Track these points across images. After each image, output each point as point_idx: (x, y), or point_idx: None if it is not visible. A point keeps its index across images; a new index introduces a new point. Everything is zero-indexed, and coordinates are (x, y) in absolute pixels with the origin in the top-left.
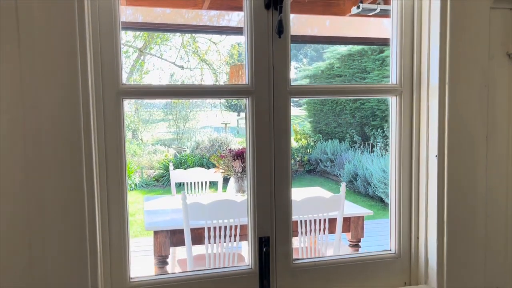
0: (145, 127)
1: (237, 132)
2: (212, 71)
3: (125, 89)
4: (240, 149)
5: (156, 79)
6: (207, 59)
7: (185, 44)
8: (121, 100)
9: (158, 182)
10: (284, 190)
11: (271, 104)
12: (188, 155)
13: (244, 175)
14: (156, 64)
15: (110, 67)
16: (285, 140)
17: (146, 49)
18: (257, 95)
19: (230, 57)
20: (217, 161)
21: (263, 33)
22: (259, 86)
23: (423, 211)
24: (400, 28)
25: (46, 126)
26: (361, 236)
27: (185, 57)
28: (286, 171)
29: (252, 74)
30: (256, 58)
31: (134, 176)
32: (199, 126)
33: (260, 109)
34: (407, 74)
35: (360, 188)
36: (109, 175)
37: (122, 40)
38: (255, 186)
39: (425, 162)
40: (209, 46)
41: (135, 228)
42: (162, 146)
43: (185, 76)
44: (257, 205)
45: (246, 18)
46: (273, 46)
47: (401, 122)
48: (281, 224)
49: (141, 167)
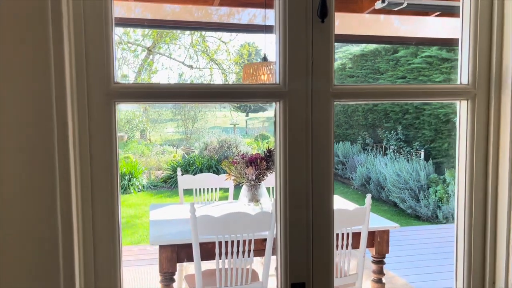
0: (154, 127)
1: (246, 133)
2: (222, 71)
3: (118, 89)
4: (254, 155)
5: (165, 79)
6: (216, 58)
7: (194, 43)
8: (113, 104)
9: (166, 183)
10: (324, 223)
11: (309, 110)
12: (196, 156)
13: (257, 183)
14: (165, 64)
15: (97, 64)
16: (326, 157)
17: (155, 48)
18: (291, 98)
19: (240, 57)
20: (228, 167)
21: (300, 16)
22: (294, 86)
23: (503, 247)
24: (475, 27)
25: (11, 135)
26: (386, 252)
27: (194, 57)
28: (328, 198)
29: (284, 71)
30: (291, 50)
31: (141, 178)
32: (208, 127)
33: (294, 116)
34: (483, 74)
35: (373, 192)
36: (95, 196)
37: (130, 39)
38: (287, 216)
39: (507, 183)
40: (218, 45)
41: (142, 232)
42: (170, 146)
43: (194, 76)
44: (290, 240)
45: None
46: (313, 34)
47: (474, 131)
48: (320, 266)
49: (149, 168)
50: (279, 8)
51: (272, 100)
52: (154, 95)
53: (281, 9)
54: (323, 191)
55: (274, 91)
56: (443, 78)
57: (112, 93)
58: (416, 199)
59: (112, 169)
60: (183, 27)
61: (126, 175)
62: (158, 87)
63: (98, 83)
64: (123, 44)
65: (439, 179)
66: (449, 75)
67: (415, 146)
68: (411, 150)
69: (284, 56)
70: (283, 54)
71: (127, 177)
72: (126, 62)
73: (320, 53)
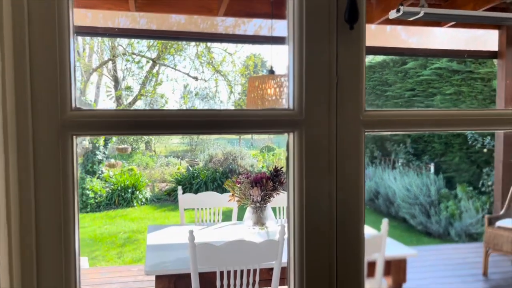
0: (159, 138)
1: (251, 145)
2: (227, 82)
3: (77, 119)
4: (259, 175)
5: (170, 90)
6: (221, 70)
7: (200, 54)
8: (70, 138)
9: (169, 196)
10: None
11: (333, 143)
12: (201, 169)
13: (263, 205)
14: (170, 75)
15: (47, 85)
16: (355, 201)
17: (160, 59)
18: (308, 127)
19: (246, 68)
20: (232, 187)
21: (320, 22)
22: (313, 113)
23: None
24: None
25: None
26: (403, 281)
27: (199, 68)
28: (357, 255)
29: (301, 93)
30: (309, 66)
31: (145, 190)
32: (213, 138)
33: (313, 151)
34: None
35: (382, 207)
36: (41, 268)
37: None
38: (303, 281)
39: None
40: (224, 57)
41: (143, 248)
42: (175, 158)
43: (199, 87)
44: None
45: (288, 5)
46: (338, 45)
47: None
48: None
49: (153, 181)
50: (294, 12)
51: (283, 130)
52: (129, 125)
53: (296, 13)
54: (351, 244)
55: (287, 118)
56: (454, 90)
57: (68, 124)
58: (427, 215)
59: (68, 227)
60: (189, 38)
61: (129, 188)
62: (136, 114)
63: (48, 111)
64: (127, 55)
65: (450, 194)
66: (460, 87)
67: (425, 160)
68: (420, 164)
69: (300, 73)
70: (299, 72)
71: (130, 190)
72: (131, 74)
73: (347, 69)
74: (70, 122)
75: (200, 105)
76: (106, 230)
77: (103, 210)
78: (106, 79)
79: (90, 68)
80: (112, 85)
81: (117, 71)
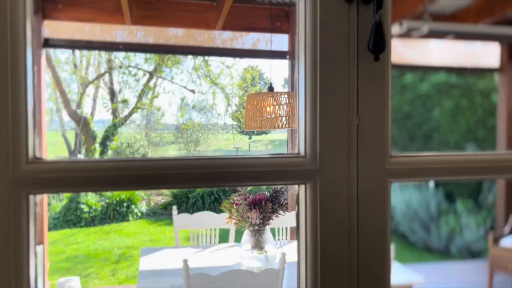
0: (155, 150)
1: None
2: (225, 95)
3: (35, 174)
4: (257, 196)
5: (166, 103)
6: (219, 82)
7: (197, 67)
8: (25, 198)
9: (165, 210)
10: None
11: (353, 197)
12: None
13: (262, 228)
14: (167, 88)
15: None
16: (380, 262)
17: (157, 72)
18: (324, 179)
19: (243, 81)
20: (229, 209)
21: (338, 52)
22: (329, 160)
23: None
24: None
25: None
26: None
27: (197, 81)
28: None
29: (314, 137)
30: (324, 103)
31: (141, 204)
32: (211, 150)
33: (330, 207)
34: None
35: None
36: None
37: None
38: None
39: None
40: (221, 70)
41: (138, 265)
42: None
43: (196, 100)
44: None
45: (298, 18)
46: (358, 79)
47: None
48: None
49: (149, 194)
50: (306, 40)
51: (294, 182)
52: (105, 181)
53: (309, 41)
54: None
55: (298, 169)
56: (453, 105)
57: (22, 181)
58: (427, 230)
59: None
60: (186, 52)
61: (124, 201)
62: (115, 167)
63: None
64: (124, 68)
65: (450, 208)
66: (458, 101)
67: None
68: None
69: (314, 113)
70: (312, 111)
71: (125, 204)
72: (127, 86)
73: (370, 107)
74: (25, 178)
75: (197, 117)
76: (100, 246)
77: (98, 225)
78: (102, 91)
79: (87, 80)
80: (108, 98)
81: (114, 84)
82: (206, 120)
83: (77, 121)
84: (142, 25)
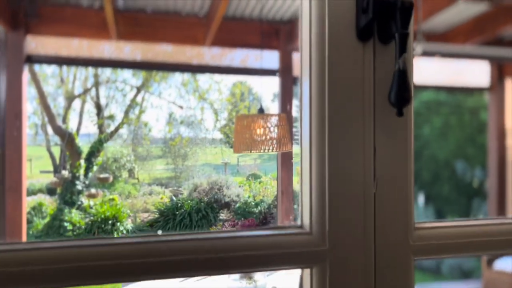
0: (142, 165)
1: (237, 171)
2: (213, 110)
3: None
4: (246, 222)
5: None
6: (208, 97)
7: (186, 82)
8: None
9: (152, 227)
10: None
11: (371, 282)
12: (185, 199)
13: None
14: (155, 103)
15: None
16: None
17: (144, 87)
18: (335, 260)
19: (232, 96)
20: None
21: (350, 101)
22: (340, 236)
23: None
24: None
25: None
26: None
27: (185, 96)
28: None
29: (321, 207)
30: (335, 165)
31: (126, 222)
32: (199, 164)
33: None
34: None
35: None
36: None
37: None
38: None
39: None
40: (210, 85)
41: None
42: (158, 186)
43: (184, 115)
44: None
45: (301, 55)
46: (376, 136)
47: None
48: None
49: (135, 211)
50: (311, 87)
51: (297, 266)
52: (61, 276)
53: (315, 84)
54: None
55: (302, 250)
56: (442, 122)
57: None
58: None
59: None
60: (175, 69)
61: (110, 219)
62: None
63: None
64: (111, 83)
65: None
66: (447, 119)
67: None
68: None
69: (321, 178)
70: (319, 175)
71: (110, 222)
72: (114, 101)
73: (390, 169)
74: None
75: (186, 132)
76: None
77: None
78: (89, 106)
79: (73, 95)
80: (95, 112)
81: (100, 98)
82: (194, 134)
83: (61, 136)
84: (129, 41)
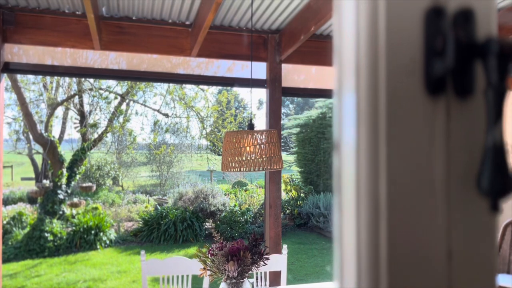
0: (127, 172)
1: (223, 178)
2: (199, 119)
3: None
4: (235, 245)
5: (138, 127)
6: (194, 105)
7: (171, 90)
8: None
9: (136, 237)
10: None
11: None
12: (170, 208)
13: (240, 281)
14: (140, 111)
15: None
16: None
17: (129, 95)
18: None
19: (219, 104)
20: (203, 260)
21: (415, 182)
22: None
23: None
24: None
25: None
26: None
27: (171, 103)
28: None
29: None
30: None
31: (109, 232)
32: (184, 171)
33: None
34: None
35: None
36: None
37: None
38: None
39: None
40: (196, 93)
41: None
42: (143, 194)
43: (169, 123)
44: None
45: (357, 133)
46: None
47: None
48: None
49: (118, 220)
50: (358, 150)
51: None
52: None
53: (365, 154)
54: None
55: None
56: None
57: None
58: None
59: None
60: (161, 79)
61: (92, 229)
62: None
63: None
64: (94, 91)
65: None
66: None
67: None
68: None
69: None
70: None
71: (93, 232)
72: (98, 108)
73: (470, 275)
74: None
75: (171, 139)
76: (64, 279)
77: (62, 255)
78: (72, 113)
79: (55, 102)
80: (78, 120)
81: (84, 106)
82: (180, 141)
83: (43, 145)
84: (112, 50)
